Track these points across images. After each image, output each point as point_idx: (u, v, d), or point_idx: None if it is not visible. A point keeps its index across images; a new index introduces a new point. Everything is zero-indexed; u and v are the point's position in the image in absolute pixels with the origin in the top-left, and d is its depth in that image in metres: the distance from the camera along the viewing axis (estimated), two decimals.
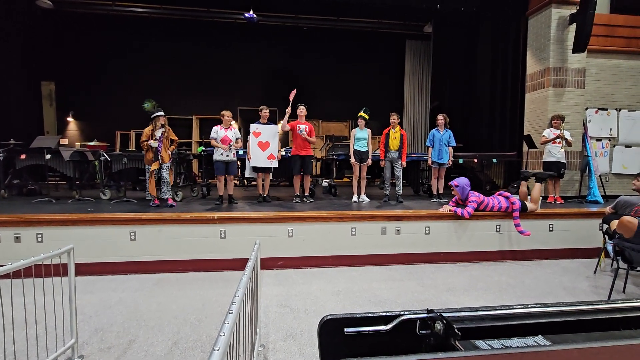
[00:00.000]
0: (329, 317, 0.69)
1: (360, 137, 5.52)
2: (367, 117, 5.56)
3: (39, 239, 3.86)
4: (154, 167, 4.82)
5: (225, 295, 3.37)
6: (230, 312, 0.92)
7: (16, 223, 3.84)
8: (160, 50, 10.03)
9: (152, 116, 4.93)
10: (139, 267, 3.97)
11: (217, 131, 5.13)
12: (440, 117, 5.69)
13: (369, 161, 5.57)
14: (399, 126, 5.52)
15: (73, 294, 2.25)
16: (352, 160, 5.52)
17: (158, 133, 4.86)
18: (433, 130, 5.74)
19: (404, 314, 0.65)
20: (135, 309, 3.04)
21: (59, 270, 2.19)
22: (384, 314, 0.67)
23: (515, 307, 0.72)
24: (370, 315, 0.67)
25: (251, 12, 8.59)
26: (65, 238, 3.83)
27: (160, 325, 2.74)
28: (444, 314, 0.63)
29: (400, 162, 5.46)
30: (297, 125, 5.35)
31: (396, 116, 5.51)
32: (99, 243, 3.95)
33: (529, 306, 0.71)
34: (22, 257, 1.98)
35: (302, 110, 5.40)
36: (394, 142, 5.43)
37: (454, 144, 5.69)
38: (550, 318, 0.69)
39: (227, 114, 5.19)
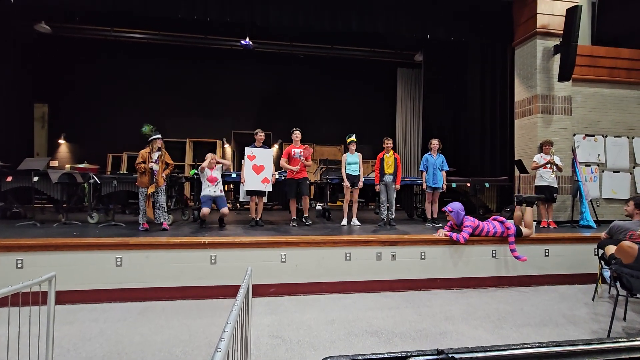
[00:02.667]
0: (330, 359, 0.62)
1: (352, 162, 5.58)
2: (355, 140, 5.66)
3: (19, 265, 3.68)
4: (151, 189, 4.71)
5: (214, 325, 3.20)
6: (219, 350, 0.85)
7: None
8: (155, 74, 10.14)
9: (149, 139, 4.89)
10: (123, 294, 3.79)
11: (205, 169, 5.13)
12: (435, 142, 5.78)
13: (360, 184, 5.57)
14: (392, 150, 5.57)
15: (51, 325, 2.11)
16: (346, 183, 5.51)
17: (155, 156, 4.80)
18: (426, 155, 5.80)
19: (412, 356, 0.59)
20: (116, 341, 2.86)
21: (38, 298, 2.06)
22: (390, 355, 0.61)
23: (528, 345, 0.66)
24: (374, 357, 0.61)
25: (247, 39, 8.81)
26: (46, 264, 3.66)
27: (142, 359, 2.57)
28: (456, 355, 0.57)
29: (394, 186, 5.47)
30: (292, 150, 5.36)
31: (390, 141, 5.59)
32: (83, 269, 3.77)
33: (545, 345, 0.66)
34: None
35: (297, 135, 5.43)
36: (389, 166, 5.47)
37: (446, 168, 5.76)
38: (568, 358, 0.64)
39: (210, 155, 5.24)
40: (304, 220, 5.51)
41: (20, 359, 2.00)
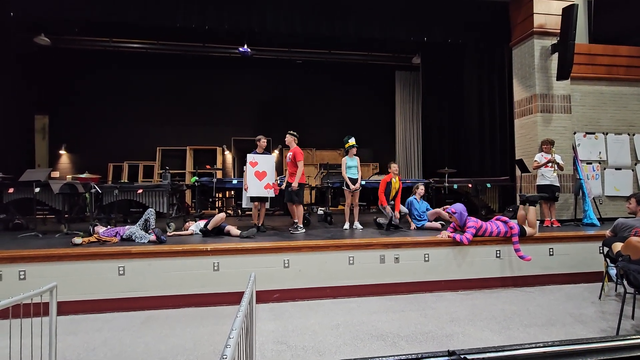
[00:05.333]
0: None
1: (351, 165, 5.59)
2: (355, 144, 5.65)
3: (22, 277, 3.66)
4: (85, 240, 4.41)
5: (218, 333, 3.18)
6: (224, 357, 0.83)
7: None
8: (155, 83, 10.19)
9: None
10: (126, 304, 3.77)
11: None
12: (422, 188, 5.83)
13: (358, 185, 5.53)
14: (398, 176, 5.58)
15: (53, 336, 2.09)
16: (352, 186, 5.49)
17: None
18: (411, 199, 5.77)
19: (423, 357, 0.58)
20: (120, 350, 2.84)
21: (40, 309, 2.04)
22: (401, 357, 0.59)
23: (540, 345, 0.64)
24: None
25: (245, 46, 8.86)
26: (49, 275, 3.64)
27: None
28: (467, 356, 0.56)
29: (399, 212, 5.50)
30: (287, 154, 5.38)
31: (396, 166, 5.63)
32: (86, 279, 3.76)
33: (557, 343, 0.64)
34: (1, 296, 1.84)
35: (288, 138, 5.40)
36: (394, 192, 5.48)
37: (431, 209, 5.77)
38: (581, 357, 0.62)
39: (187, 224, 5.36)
40: (297, 227, 5.22)
41: None
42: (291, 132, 5.39)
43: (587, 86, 6.74)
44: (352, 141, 5.64)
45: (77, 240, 4.24)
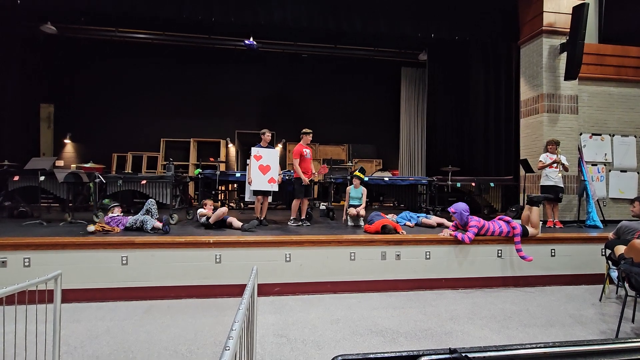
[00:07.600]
0: (341, 358, 0.61)
1: (355, 197, 5.58)
2: (362, 176, 5.62)
3: (26, 264, 3.71)
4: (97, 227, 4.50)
5: (219, 323, 3.21)
6: (227, 348, 0.84)
7: (2, 247, 3.70)
8: (160, 74, 10.17)
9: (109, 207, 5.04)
10: (129, 293, 3.81)
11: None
12: (391, 215, 5.93)
13: (357, 211, 5.47)
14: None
15: (57, 323, 2.12)
16: (349, 212, 5.50)
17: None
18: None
19: (424, 354, 0.59)
20: (123, 339, 2.87)
21: (45, 297, 2.07)
22: (401, 354, 0.60)
23: (541, 345, 0.65)
24: (386, 356, 0.60)
25: (251, 39, 8.81)
26: (53, 263, 3.69)
27: (148, 357, 2.58)
28: (469, 354, 0.56)
29: None
30: (304, 150, 5.39)
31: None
32: (89, 268, 3.80)
33: (558, 344, 0.65)
34: (7, 282, 1.87)
35: (311, 136, 5.55)
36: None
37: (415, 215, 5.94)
38: (582, 358, 0.63)
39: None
40: (302, 222, 5.49)
41: (27, 357, 2.02)
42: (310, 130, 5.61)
43: (595, 87, 6.67)
44: (357, 172, 5.64)
45: (91, 228, 4.31)
